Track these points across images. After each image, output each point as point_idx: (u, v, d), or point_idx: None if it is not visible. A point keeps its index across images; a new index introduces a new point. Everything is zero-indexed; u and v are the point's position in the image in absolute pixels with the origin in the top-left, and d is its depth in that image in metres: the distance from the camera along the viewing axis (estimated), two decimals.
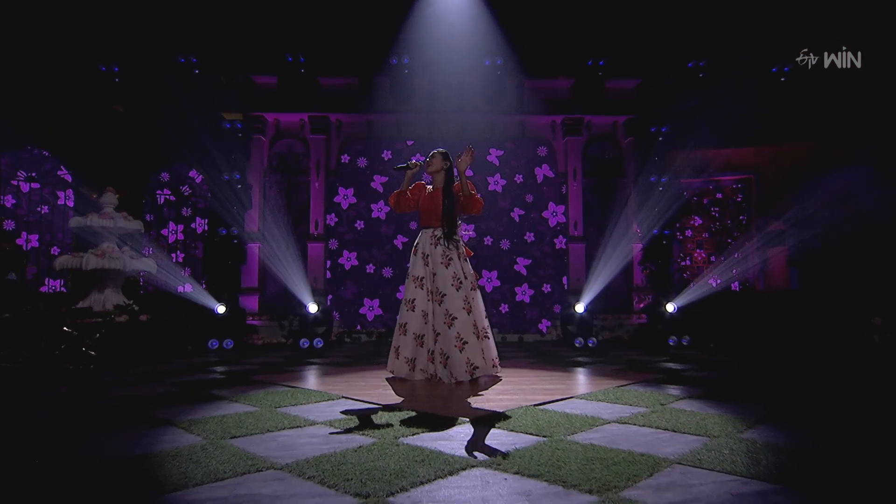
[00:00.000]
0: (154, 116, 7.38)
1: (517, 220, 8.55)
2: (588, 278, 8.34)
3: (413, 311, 3.76)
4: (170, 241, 8.29)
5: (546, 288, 8.46)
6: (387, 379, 3.79)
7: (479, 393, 3.19)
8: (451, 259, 3.74)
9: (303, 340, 6.38)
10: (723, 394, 3.08)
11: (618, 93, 8.30)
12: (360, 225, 8.59)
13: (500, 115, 8.38)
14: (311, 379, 3.82)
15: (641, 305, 8.08)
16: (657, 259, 7.91)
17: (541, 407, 2.75)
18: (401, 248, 8.48)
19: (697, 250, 8.71)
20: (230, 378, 3.80)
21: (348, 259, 8.51)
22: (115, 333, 5.20)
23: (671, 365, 4.57)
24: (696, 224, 8.73)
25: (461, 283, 3.69)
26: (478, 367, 3.57)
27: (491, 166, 8.65)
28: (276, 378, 3.81)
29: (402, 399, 3.01)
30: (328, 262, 8.42)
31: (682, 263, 8.64)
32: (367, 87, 8.23)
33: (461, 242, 3.88)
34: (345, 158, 8.62)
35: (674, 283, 8.15)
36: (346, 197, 8.62)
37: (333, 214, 8.55)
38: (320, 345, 6.38)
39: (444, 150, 3.98)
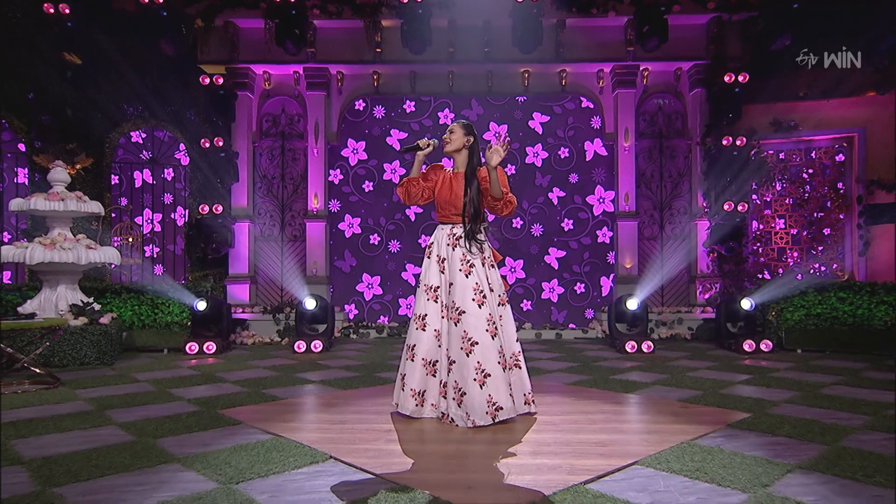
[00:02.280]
0: (116, 68, 6.87)
1: (556, 202, 7.90)
2: (641, 263, 7.70)
3: (423, 330, 3.28)
4: (144, 232, 7.87)
5: (579, 288, 7.86)
6: (392, 414, 3.34)
7: (509, 451, 2.69)
8: (472, 265, 3.21)
9: (298, 343, 5.98)
10: (853, 461, 2.49)
11: (683, 32, 7.42)
12: (368, 186, 8.07)
13: (536, 63, 7.62)
14: (298, 416, 3.38)
15: (706, 296, 7.44)
16: (728, 239, 7.20)
17: (594, 486, 2.23)
18: (413, 219, 7.95)
19: (777, 219, 7.91)
20: (196, 413, 3.39)
21: (350, 226, 8.04)
22: (67, 342, 4.86)
23: (757, 392, 3.98)
24: (778, 188, 7.92)
25: (485, 296, 3.17)
26: (502, 409, 3.07)
27: (532, 134, 7.95)
28: (253, 415, 3.38)
29: (408, 463, 2.52)
30: (331, 241, 7.95)
31: (757, 246, 7.87)
32: (373, 32, 7.54)
33: (487, 244, 3.32)
34: (359, 105, 8.04)
35: (748, 269, 7.44)
36: (355, 151, 8.07)
37: (338, 171, 8.03)
38: (319, 348, 5.98)
39: (466, 122, 3.41)
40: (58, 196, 5.04)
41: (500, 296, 3.32)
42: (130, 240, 7.07)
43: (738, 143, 7.21)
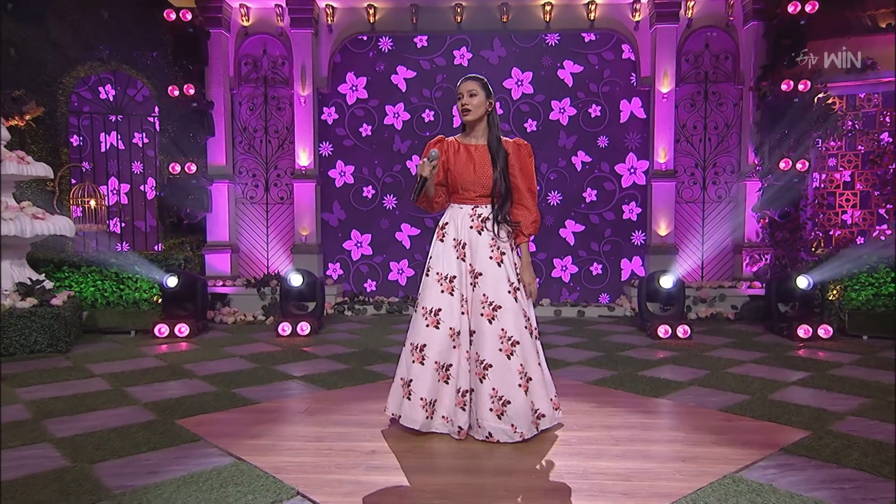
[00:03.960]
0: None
1: (579, 168, 7.45)
2: (678, 230, 7.32)
3: (437, 327, 2.97)
4: (109, 204, 7.53)
5: (595, 268, 7.50)
6: (390, 425, 3.15)
7: (522, 485, 2.44)
8: (504, 253, 3.00)
9: (282, 325, 5.78)
10: None
11: None
12: (365, 130, 7.69)
13: None
14: (269, 429, 3.15)
15: (755, 269, 7.07)
16: (783, 203, 6.76)
17: None
18: (415, 173, 7.58)
19: (842, 173, 7.43)
20: (150, 424, 3.18)
21: (342, 174, 7.71)
22: (13, 327, 4.68)
23: (816, 398, 3.68)
24: (847, 138, 7.41)
25: (518, 289, 3.00)
26: (544, 416, 2.96)
27: (561, 86, 7.44)
28: (217, 426, 3.16)
29: None
30: (318, 199, 7.57)
31: (817, 206, 7.42)
32: None
33: (512, 230, 3.08)
34: (362, 35, 7.58)
35: (805, 237, 7.03)
36: (354, 88, 7.65)
37: (333, 109, 7.65)
38: (306, 331, 5.77)
39: (481, 78, 3.04)
40: None
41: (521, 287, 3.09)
42: (93, 203, 6.81)
43: (800, 87, 6.68)
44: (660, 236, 7.16)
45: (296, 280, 6.04)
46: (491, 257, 2.95)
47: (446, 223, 3.08)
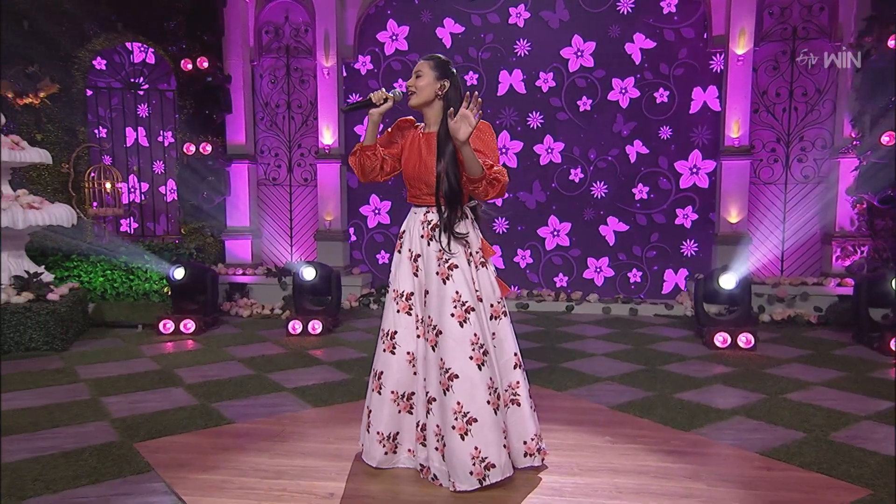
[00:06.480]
0: None
1: (633, 160, 6.95)
2: (752, 216, 6.74)
3: (393, 352, 2.84)
4: (124, 201, 7.58)
5: (634, 276, 7.03)
6: (356, 459, 3.00)
7: None
8: (454, 266, 2.70)
9: (293, 323, 5.73)
10: None
11: None
12: (400, 86, 7.41)
13: None
14: (228, 458, 3.06)
15: (847, 263, 6.41)
16: (886, 184, 6.07)
17: None
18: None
19: None
20: (105, 447, 3.15)
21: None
22: (7, 324, 4.82)
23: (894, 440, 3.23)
24: None
25: (471, 309, 2.67)
26: (494, 467, 2.61)
27: (626, 62, 6.92)
28: (173, 454, 3.10)
29: None
30: (343, 181, 7.41)
31: None
32: None
33: (476, 233, 2.81)
34: None
35: None
36: (394, 37, 7.40)
37: (369, 58, 7.46)
38: (317, 329, 5.71)
39: (441, 57, 2.83)
40: None
41: (492, 305, 2.81)
42: (108, 186, 6.96)
43: None
44: (730, 224, 6.59)
45: (308, 273, 5.96)
46: (437, 272, 2.69)
47: (403, 231, 2.89)
